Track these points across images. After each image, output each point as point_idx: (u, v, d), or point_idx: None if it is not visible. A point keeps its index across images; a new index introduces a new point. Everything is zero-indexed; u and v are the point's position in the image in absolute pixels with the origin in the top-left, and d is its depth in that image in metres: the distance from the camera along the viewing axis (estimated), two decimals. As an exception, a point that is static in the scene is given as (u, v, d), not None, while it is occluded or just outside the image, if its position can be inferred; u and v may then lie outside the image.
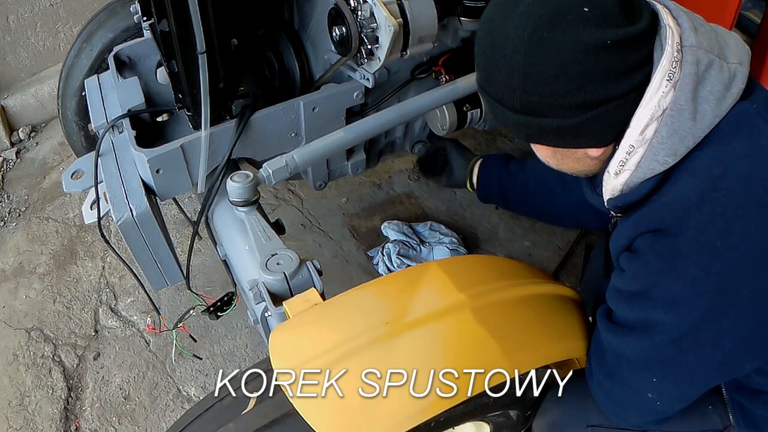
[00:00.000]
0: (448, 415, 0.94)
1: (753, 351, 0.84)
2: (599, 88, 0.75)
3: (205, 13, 1.00)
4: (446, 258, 1.87)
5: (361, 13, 1.10)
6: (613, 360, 0.92)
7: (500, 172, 1.42)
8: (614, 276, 0.91)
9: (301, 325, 0.93)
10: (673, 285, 0.80)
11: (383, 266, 1.96)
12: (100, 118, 1.31)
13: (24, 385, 1.76)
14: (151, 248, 1.20)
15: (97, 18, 1.76)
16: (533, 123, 0.81)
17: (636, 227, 0.84)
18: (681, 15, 0.79)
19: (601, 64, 0.73)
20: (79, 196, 2.25)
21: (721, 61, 0.78)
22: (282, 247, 1.06)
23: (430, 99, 1.30)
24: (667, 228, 0.80)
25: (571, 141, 0.83)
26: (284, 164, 1.13)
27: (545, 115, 0.79)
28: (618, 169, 0.82)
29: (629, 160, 0.81)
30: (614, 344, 0.91)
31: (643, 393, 0.89)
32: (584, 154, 0.86)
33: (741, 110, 0.78)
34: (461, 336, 0.92)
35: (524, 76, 0.76)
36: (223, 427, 0.97)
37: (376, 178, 2.34)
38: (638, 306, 0.85)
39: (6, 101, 2.68)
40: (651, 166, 0.80)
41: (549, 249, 2.07)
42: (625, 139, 0.79)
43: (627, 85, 0.76)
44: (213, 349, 1.82)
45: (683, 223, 0.78)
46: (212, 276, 2.00)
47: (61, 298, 1.99)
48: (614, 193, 0.87)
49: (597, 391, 0.97)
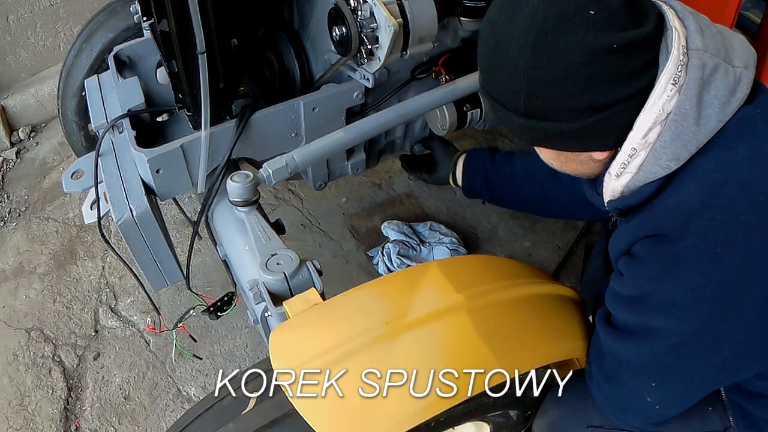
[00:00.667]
0: (448, 415, 0.94)
1: (752, 357, 0.83)
2: (605, 92, 0.74)
3: (205, 13, 1.00)
4: (446, 258, 1.87)
5: (361, 13, 1.10)
6: (612, 363, 0.92)
7: (486, 166, 1.40)
8: (613, 279, 0.91)
9: (301, 325, 0.93)
10: (673, 291, 0.79)
11: (383, 266, 1.96)
12: (100, 118, 1.31)
13: (24, 385, 1.76)
14: (151, 248, 1.20)
15: (97, 18, 1.76)
16: (537, 126, 0.80)
17: (636, 231, 0.84)
18: (687, 16, 0.79)
19: (606, 68, 0.72)
20: (79, 196, 2.25)
21: (727, 65, 0.77)
22: (282, 247, 1.06)
23: (430, 99, 1.30)
24: (667, 234, 0.79)
25: (576, 144, 0.82)
26: (284, 164, 1.13)
27: (549, 119, 0.78)
28: (619, 171, 0.82)
29: (631, 162, 0.80)
30: (613, 348, 0.90)
31: (642, 397, 0.89)
32: (588, 157, 0.85)
33: (745, 115, 0.77)
34: (461, 336, 0.92)
35: (529, 79, 0.75)
36: (223, 427, 0.97)
37: (376, 178, 2.34)
38: (637, 311, 0.85)
39: (6, 101, 2.68)
40: (653, 170, 0.79)
41: (549, 249, 2.07)
42: (628, 142, 0.79)
43: (633, 89, 0.75)
44: (213, 349, 1.82)
45: (684, 230, 0.77)
46: (212, 276, 2.00)
47: (61, 298, 1.99)
48: (614, 195, 0.86)
49: (596, 393, 0.96)
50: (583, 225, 2.10)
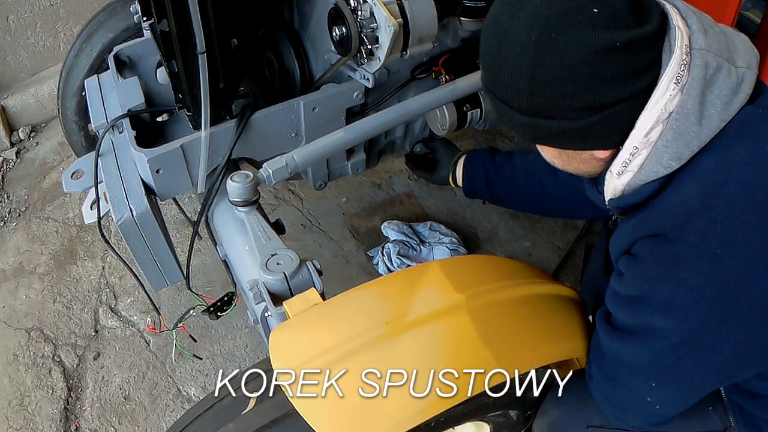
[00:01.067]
0: (448, 415, 0.94)
1: (752, 357, 0.83)
2: (607, 91, 0.74)
3: (205, 13, 1.00)
4: (446, 258, 1.87)
5: (361, 13, 1.10)
6: (612, 363, 0.92)
7: (486, 166, 1.40)
8: (613, 279, 0.91)
9: (301, 325, 0.93)
10: (672, 291, 0.79)
11: (383, 266, 1.96)
12: (100, 118, 1.31)
13: (24, 385, 1.76)
14: (151, 248, 1.20)
15: (97, 18, 1.76)
16: (540, 125, 0.80)
17: (636, 231, 0.84)
18: (690, 16, 0.78)
19: (610, 67, 0.72)
20: (79, 196, 2.25)
21: (730, 65, 0.77)
22: (282, 247, 1.06)
23: (430, 99, 1.29)
24: (667, 233, 0.79)
25: (578, 143, 0.82)
26: (284, 164, 1.13)
27: (552, 117, 0.78)
28: (621, 169, 0.82)
29: (632, 161, 0.80)
30: (613, 348, 0.90)
31: (642, 397, 0.89)
32: (590, 155, 0.85)
33: (747, 115, 0.77)
34: (461, 336, 0.92)
35: (531, 78, 0.75)
36: (223, 427, 0.97)
37: (376, 178, 2.34)
38: (637, 311, 0.85)
39: (6, 101, 2.68)
40: (654, 168, 0.79)
41: (549, 249, 2.07)
42: (630, 140, 0.79)
43: (636, 88, 0.75)
44: (213, 349, 1.82)
45: (684, 230, 0.77)
46: (212, 276, 2.00)
47: (61, 298, 1.99)
48: (615, 194, 0.86)
49: (596, 393, 0.96)
50: (583, 225, 2.10)
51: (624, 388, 0.91)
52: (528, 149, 1.05)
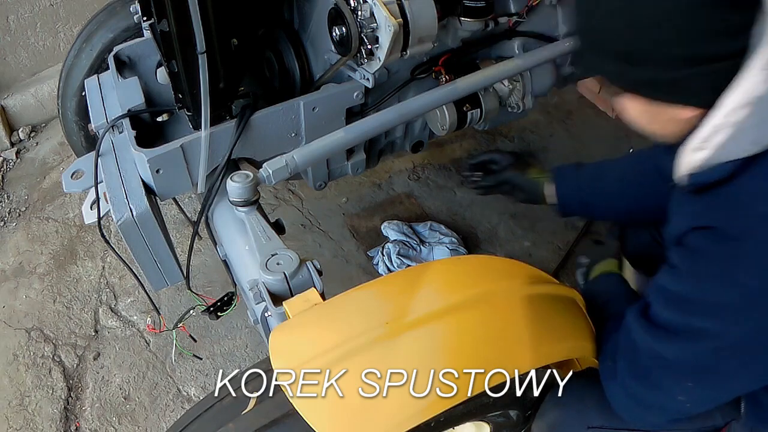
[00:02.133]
0: (448, 415, 0.93)
1: None
2: (699, 44, 0.73)
3: (205, 13, 1.00)
4: (446, 258, 1.87)
5: (361, 13, 1.10)
6: (648, 361, 0.89)
7: (578, 185, 1.35)
8: (663, 273, 0.88)
9: (301, 325, 0.93)
10: (728, 293, 0.77)
11: (383, 266, 1.96)
12: (100, 118, 1.31)
13: (24, 385, 1.76)
14: (151, 248, 1.20)
15: (97, 18, 1.76)
16: (629, 71, 0.79)
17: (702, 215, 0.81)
18: None
19: (704, 18, 0.72)
20: (79, 196, 2.25)
21: None
22: (282, 247, 1.06)
23: (430, 99, 1.29)
24: (733, 230, 0.76)
25: (665, 94, 0.81)
26: (284, 164, 1.13)
27: (643, 64, 0.78)
28: (699, 145, 0.79)
29: (712, 139, 0.77)
30: (652, 346, 0.87)
31: (673, 395, 0.87)
32: (674, 115, 0.82)
33: None
34: (461, 336, 0.92)
35: (625, 21, 0.75)
36: (223, 427, 0.97)
37: (376, 178, 2.34)
38: (688, 310, 0.82)
39: (6, 101, 2.67)
40: (733, 149, 0.76)
41: (549, 249, 2.07)
42: (712, 118, 0.76)
43: (725, 48, 0.73)
44: (213, 349, 1.82)
45: (752, 229, 0.74)
46: (212, 276, 2.00)
47: (61, 298, 1.99)
48: (689, 169, 0.82)
49: (617, 391, 0.94)
50: (583, 225, 2.10)
51: (656, 387, 0.88)
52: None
